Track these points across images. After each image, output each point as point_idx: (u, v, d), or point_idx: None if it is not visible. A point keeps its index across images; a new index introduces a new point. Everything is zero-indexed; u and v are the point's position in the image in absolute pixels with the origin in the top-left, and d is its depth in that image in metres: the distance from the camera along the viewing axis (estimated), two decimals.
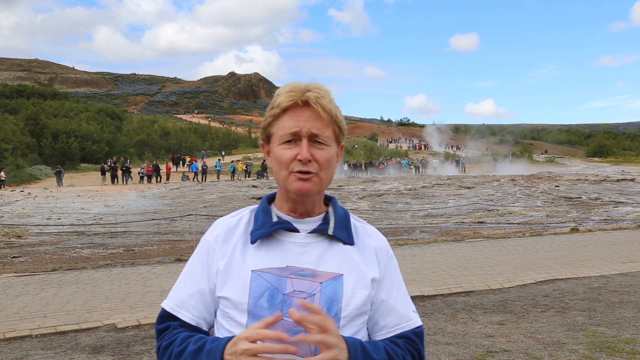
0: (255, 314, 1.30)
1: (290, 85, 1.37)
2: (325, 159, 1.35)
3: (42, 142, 55.00)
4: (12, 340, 5.46)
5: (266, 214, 1.40)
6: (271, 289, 1.31)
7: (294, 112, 1.34)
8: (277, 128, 1.37)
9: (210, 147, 72.84)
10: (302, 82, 1.38)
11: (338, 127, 1.38)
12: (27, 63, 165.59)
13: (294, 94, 1.34)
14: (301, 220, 1.39)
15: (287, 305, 1.29)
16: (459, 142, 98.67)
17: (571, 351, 4.79)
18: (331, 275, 1.34)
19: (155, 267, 9.18)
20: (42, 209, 22.53)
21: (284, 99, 1.34)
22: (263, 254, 1.35)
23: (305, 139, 1.33)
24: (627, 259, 9.13)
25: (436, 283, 7.56)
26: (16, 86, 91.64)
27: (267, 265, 1.33)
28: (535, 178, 35.77)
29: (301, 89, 1.35)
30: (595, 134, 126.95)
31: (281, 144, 1.35)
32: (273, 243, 1.37)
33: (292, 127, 1.34)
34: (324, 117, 1.34)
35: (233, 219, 1.44)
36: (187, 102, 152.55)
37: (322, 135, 1.34)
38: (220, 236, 1.40)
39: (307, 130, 1.33)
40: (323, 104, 1.34)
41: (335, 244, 1.38)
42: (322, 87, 1.37)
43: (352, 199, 25.77)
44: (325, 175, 1.36)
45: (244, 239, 1.38)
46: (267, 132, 1.40)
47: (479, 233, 13.78)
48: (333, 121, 1.36)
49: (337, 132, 1.38)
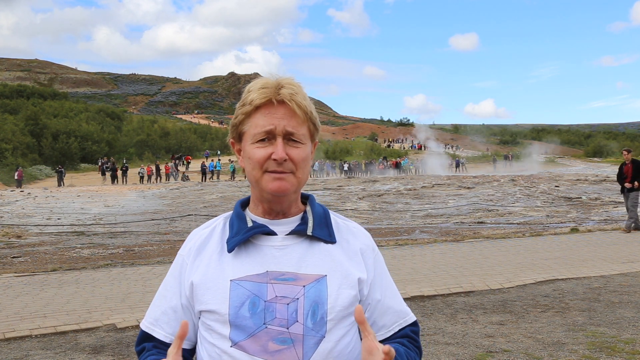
0: (237, 325, 1.25)
1: (262, 81, 1.31)
2: (301, 157, 1.30)
3: (42, 142, 55.03)
4: (12, 340, 5.46)
5: (240, 219, 1.35)
6: (252, 297, 1.26)
7: (268, 110, 1.28)
8: (249, 126, 1.30)
9: (210, 147, 72.87)
10: (272, 77, 1.32)
11: (313, 124, 1.32)
12: (27, 63, 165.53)
13: (267, 90, 1.28)
14: (278, 222, 1.34)
15: (270, 312, 1.25)
16: (459, 142, 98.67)
17: (571, 351, 4.79)
18: (314, 277, 1.29)
19: (155, 267, 9.18)
20: (42, 209, 22.54)
21: (257, 96, 1.28)
22: (241, 261, 1.30)
23: (280, 137, 1.28)
24: (627, 259, 9.13)
25: (436, 283, 7.56)
26: (16, 86, 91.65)
27: (246, 273, 1.28)
28: (535, 178, 35.79)
29: (274, 85, 1.29)
30: (595, 134, 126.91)
31: (254, 143, 1.29)
32: (251, 249, 1.31)
33: (266, 125, 1.28)
34: (299, 115, 1.28)
35: (206, 230, 1.38)
36: (187, 102, 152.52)
37: (297, 133, 1.29)
38: (192, 249, 1.35)
39: (282, 128, 1.28)
40: (298, 101, 1.28)
41: (316, 244, 1.33)
42: (295, 83, 1.31)
43: (352, 199, 25.77)
44: (301, 174, 1.31)
45: (219, 249, 1.33)
46: (238, 130, 1.34)
47: (478, 233, 13.78)
48: (308, 118, 1.31)
49: (312, 129, 1.33)
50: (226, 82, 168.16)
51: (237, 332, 1.26)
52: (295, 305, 1.26)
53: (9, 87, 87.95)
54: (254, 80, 1.34)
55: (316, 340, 1.26)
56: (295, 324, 1.26)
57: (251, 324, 1.25)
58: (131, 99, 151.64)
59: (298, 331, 1.25)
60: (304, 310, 1.26)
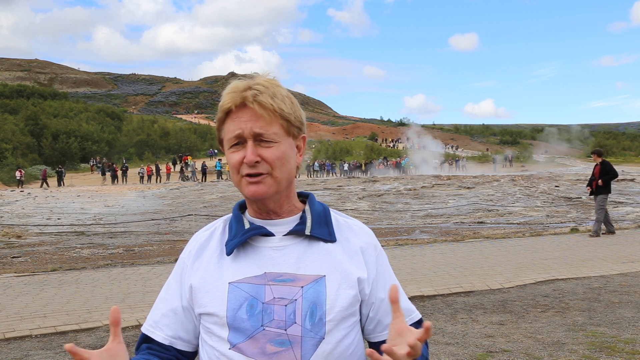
0: (235, 327, 1.25)
1: (231, 85, 1.31)
2: (275, 156, 1.27)
3: (42, 142, 55.07)
4: (12, 340, 5.46)
5: (238, 222, 1.35)
6: (250, 299, 1.26)
7: (235, 114, 1.28)
8: (224, 132, 1.31)
9: (210, 147, 72.90)
10: (247, 78, 1.31)
11: (286, 120, 1.29)
12: (27, 63, 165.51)
13: (232, 95, 1.28)
14: (275, 223, 1.34)
15: (268, 314, 1.24)
16: (458, 142, 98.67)
17: (571, 351, 4.79)
18: (312, 277, 1.28)
19: (155, 267, 9.18)
20: (42, 209, 22.54)
21: (224, 101, 1.29)
22: (239, 263, 1.30)
23: (250, 140, 1.27)
24: (627, 259, 9.13)
25: (436, 283, 7.56)
26: (16, 86, 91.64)
27: (244, 275, 1.28)
28: (535, 178, 35.79)
29: (240, 89, 1.28)
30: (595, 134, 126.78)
31: (230, 148, 1.30)
32: (249, 251, 1.31)
33: (235, 130, 1.28)
34: (264, 115, 1.26)
35: (206, 233, 1.40)
36: (187, 102, 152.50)
37: (266, 133, 1.27)
38: (192, 252, 1.37)
39: (249, 130, 1.26)
40: (261, 101, 1.26)
41: (315, 244, 1.32)
42: (266, 82, 1.30)
43: (352, 199, 25.77)
44: (279, 173, 1.28)
45: (218, 251, 1.34)
46: (219, 136, 1.35)
47: (479, 233, 13.78)
48: (277, 116, 1.27)
49: (285, 126, 1.29)
50: (226, 82, 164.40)
51: (236, 335, 1.25)
52: (294, 307, 1.25)
53: (9, 87, 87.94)
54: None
55: (315, 342, 1.25)
56: (294, 325, 1.24)
57: (249, 326, 1.25)
58: (131, 99, 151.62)
59: (296, 333, 1.24)
60: (302, 311, 1.25)
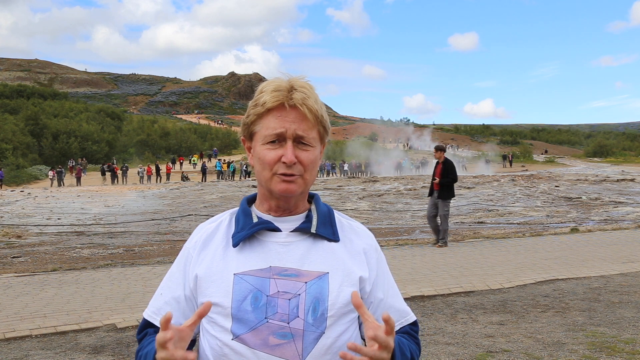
0: (239, 318, 1.28)
1: (275, 83, 1.33)
2: (310, 160, 1.33)
3: (42, 142, 55.11)
4: (12, 340, 5.46)
5: (246, 215, 1.38)
6: (254, 292, 1.29)
7: (279, 113, 1.30)
8: (260, 127, 1.33)
9: (210, 147, 72.93)
10: (284, 77, 1.34)
11: (323, 127, 1.35)
12: (27, 63, 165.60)
13: (279, 94, 1.30)
14: (283, 219, 1.37)
15: (272, 306, 1.28)
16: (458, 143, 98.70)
17: (571, 351, 4.79)
18: (316, 274, 1.32)
19: (155, 267, 9.18)
20: (42, 209, 22.54)
21: (269, 99, 1.30)
22: (245, 256, 1.33)
23: (290, 140, 1.30)
24: (627, 259, 9.13)
25: (436, 283, 7.56)
26: (16, 86, 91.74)
27: (250, 268, 1.31)
28: (535, 178, 35.79)
29: (286, 88, 1.31)
30: (595, 134, 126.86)
31: (265, 144, 1.32)
32: (255, 244, 1.34)
33: (277, 127, 1.30)
34: (310, 119, 1.31)
35: (212, 224, 1.42)
36: (187, 102, 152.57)
37: (307, 137, 1.31)
38: (199, 242, 1.39)
39: (293, 132, 1.30)
40: (309, 105, 1.30)
41: (320, 242, 1.36)
42: (307, 85, 1.33)
43: (352, 199, 25.77)
44: (309, 176, 1.34)
45: (224, 243, 1.36)
46: (249, 129, 1.36)
47: (478, 233, 13.77)
48: (319, 122, 1.33)
49: (321, 132, 1.35)
50: (226, 82, 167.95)
51: (239, 326, 1.28)
52: (297, 301, 1.29)
53: (9, 87, 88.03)
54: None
55: (316, 336, 1.29)
56: (296, 319, 1.28)
57: (253, 318, 1.28)
58: (131, 99, 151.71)
59: (298, 326, 1.28)
60: (305, 306, 1.29)
